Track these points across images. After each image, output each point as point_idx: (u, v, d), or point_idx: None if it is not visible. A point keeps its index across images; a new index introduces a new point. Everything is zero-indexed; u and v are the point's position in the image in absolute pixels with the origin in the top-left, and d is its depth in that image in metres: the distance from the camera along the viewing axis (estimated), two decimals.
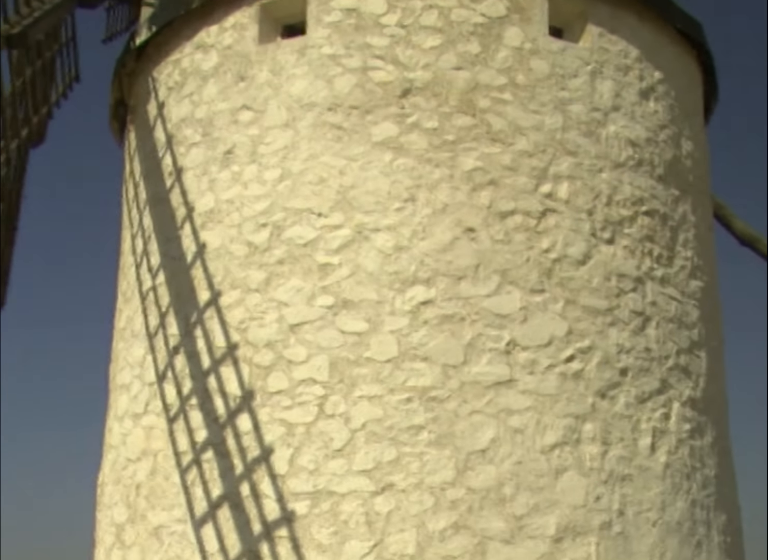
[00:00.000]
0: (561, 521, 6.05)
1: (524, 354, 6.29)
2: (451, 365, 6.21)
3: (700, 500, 6.65)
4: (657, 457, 6.48)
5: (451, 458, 6.05)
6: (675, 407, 6.71)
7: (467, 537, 5.92)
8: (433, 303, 6.32)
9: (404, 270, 6.39)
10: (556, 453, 6.16)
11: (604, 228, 6.78)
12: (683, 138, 7.67)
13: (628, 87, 7.28)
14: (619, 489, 6.25)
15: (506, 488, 6.03)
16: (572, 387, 6.32)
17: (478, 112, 6.73)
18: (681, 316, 7.01)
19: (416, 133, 6.65)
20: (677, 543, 6.38)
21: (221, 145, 7.09)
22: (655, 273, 6.94)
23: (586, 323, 6.48)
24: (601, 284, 6.63)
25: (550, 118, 6.86)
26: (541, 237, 6.57)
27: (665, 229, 7.15)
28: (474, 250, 6.45)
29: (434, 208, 6.51)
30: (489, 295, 6.37)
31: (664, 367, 6.73)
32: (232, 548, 6.15)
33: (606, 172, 6.93)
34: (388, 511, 5.97)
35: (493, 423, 6.13)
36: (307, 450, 6.17)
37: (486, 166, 6.62)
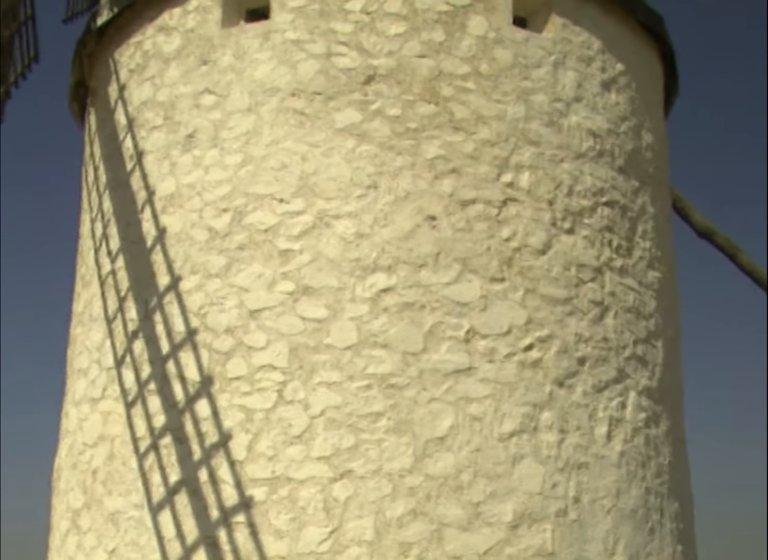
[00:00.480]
0: (518, 508, 6.10)
1: (483, 342, 6.33)
2: (411, 353, 6.23)
3: (654, 488, 6.75)
4: (613, 446, 6.55)
5: (409, 445, 6.07)
6: (631, 396, 6.79)
7: (425, 523, 5.95)
8: (394, 290, 6.33)
9: (365, 257, 6.39)
10: (513, 441, 6.21)
11: (565, 218, 6.83)
12: (644, 130, 7.74)
13: (590, 78, 7.33)
14: (575, 477, 6.31)
15: (464, 475, 6.07)
16: (530, 376, 6.37)
17: (442, 100, 6.73)
18: (639, 307, 7.09)
19: (379, 120, 6.65)
20: (631, 529, 6.46)
21: (183, 129, 7.03)
22: (614, 263, 7.00)
23: (545, 312, 6.53)
24: (560, 274, 6.68)
25: (513, 107, 6.88)
26: (502, 226, 6.60)
27: (625, 219, 7.22)
28: (435, 238, 6.46)
29: (396, 195, 6.51)
30: (449, 283, 6.39)
31: (621, 357, 6.81)
32: (190, 533, 6.13)
33: (567, 162, 6.97)
34: (346, 498, 5.98)
35: (451, 410, 6.16)
36: (265, 437, 6.16)
37: (448, 155, 6.63)
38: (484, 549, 5.97)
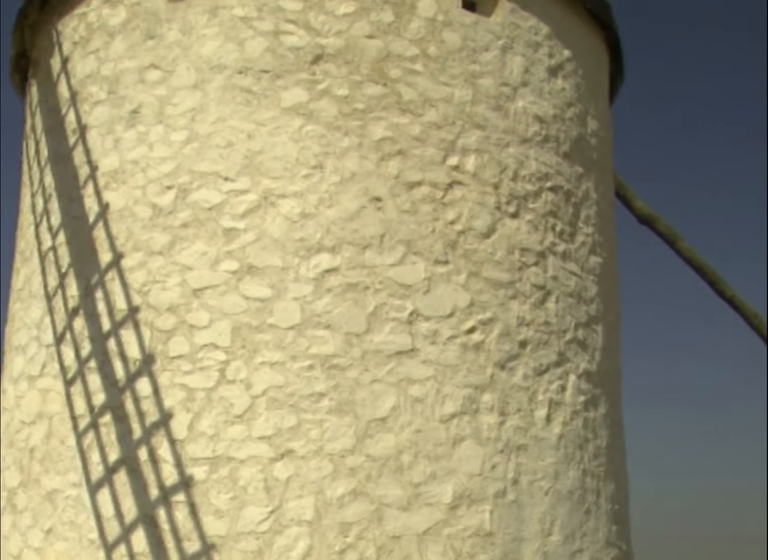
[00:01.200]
0: (457, 489, 6.15)
1: (426, 324, 6.36)
2: (354, 333, 6.24)
3: (591, 469, 6.86)
4: (552, 428, 6.64)
5: (351, 426, 6.09)
6: (571, 379, 6.88)
7: (365, 503, 5.98)
8: (338, 271, 6.33)
9: (310, 237, 6.38)
10: (454, 423, 6.26)
11: (509, 202, 6.88)
12: (589, 116, 7.81)
13: (537, 63, 7.37)
14: (515, 459, 6.39)
15: (405, 456, 6.10)
16: (472, 358, 6.42)
17: (389, 81, 6.73)
18: (580, 291, 7.17)
19: (326, 100, 6.62)
20: (568, 510, 6.56)
21: (127, 104, 6.93)
22: (557, 248, 7.08)
23: (488, 295, 6.58)
24: (504, 257, 6.73)
25: (460, 90, 6.90)
26: (447, 209, 6.63)
27: (568, 205, 7.29)
28: (380, 220, 6.47)
29: (342, 176, 6.50)
30: (393, 265, 6.41)
31: (562, 341, 6.89)
32: (128, 512, 6.10)
33: (513, 146, 7.01)
34: (287, 477, 5.99)
35: (393, 391, 6.19)
36: (207, 416, 6.13)
37: (395, 136, 6.64)
38: (424, 529, 6.03)
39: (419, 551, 5.98)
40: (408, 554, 5.96)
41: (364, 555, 5.90)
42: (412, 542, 5.99)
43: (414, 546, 5.99)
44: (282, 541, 5.89)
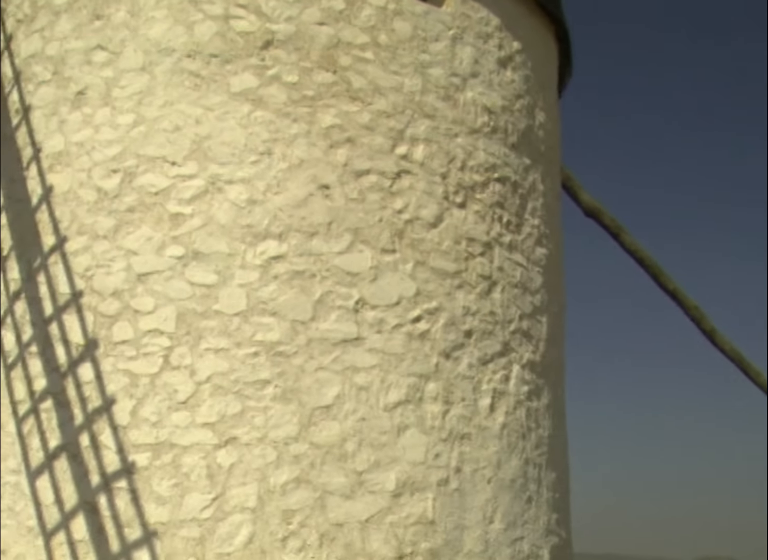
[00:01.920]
0: (400, 477, 6.19)
1: (372, 312, 6.37)
2: (300, 321, 6.23)
3: (533, 459, 6.93)
4: (495, 417, 6.70)
5: (295, 413, 6.09)
6: (515, 369, 6.95)
7: (308, 491, 5.99)
8: (285, 258, 6.31)
9: (257, 224, 6.35)
10: (399, 411, 6.29)
11: (457, 192, 6.91)
12: (537, 109, 7.87)
13: (487, 54, 7.40)
14: (458, 447, 6.44)
15: (349, 444, 6.12)
16: (418, 347, 6.45)
17: (339, 69, 6.71)
18: (525, 282, 7.24)
19: (276, 86, 6.59)
20: (509, 499, 6.63)
21: (73, 85, 6.83)
22: (504, 239, 7.13)
23: (434, 285, 6.61)
24: (451, 247, 6.76)
25: (410, 80, 6.91)
26: (395, 197, 6.64)
27: (515, 196, 7.34)
28: (328, 207, 6.46)
29: (290, 162, 6.48)
30: (340, 253, 6.41)
31: (507, 331, 6.95)
32: (69, 499, 6.03)
33: (461, 137, 7.04)
34: (230, 464, 5.97)
35: (338, 380, 6.20)
36: (150, 402, 6.09)
37: (344, 124, 6.63)
38: (366, 517, 6.05)
39: (362, 538, 6.01)
40: (350, 541, 5.98)
41: (307, 543, 5.92)
42: (354, 529, 6.01)
43: (357, 533, 6.01)
44: (224, 528, 5.88)
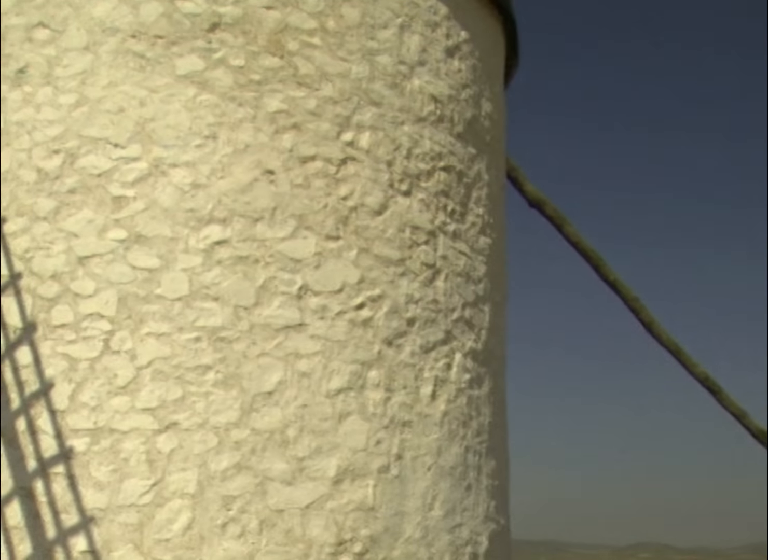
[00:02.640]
0: (341, 463, 6.20)
1: (316, 299, 6.37)
2: (243, 306, 6.20)
3: (474, 446, 6.99)
4: (437, 405, 6.74)
5: (237, 399, 6.07)
6: (457, 358, 6.99)
7: (249, 477, 5.98)
8: (228, 243, 6.28)
9: (201, 208, 6.30)
10: (340, 398, 6.30)
11: (402, 180, 6.92)
12: (483, 99, 7.91)
13: (434, 43, 7.41)
14: (399, 435, 6.47)
15: (290, 430, 6.12)
16: (360, 334, 6.46)
17: (287, 54, 6.67)
18: (469, 271, 7.28)
19: (222, 70, 6.53)
20: (449, 486, 6.69)
21: (13, 63, 6.69)
22: (448, 227, 7.16)
23: (378, 272, 6.63)
24: (395, 235, 6.78)
25: (357, 66, 6.90)
26: (340, 184, 6.63)
27: (460, 185, 7.38)
28: (272, 193, 6.43)
29: (235, 147, 6.44)
30: (284, 239, 6.39)
31: (449, 319, 6.99)
32: (4, 485, 5.95)
33: (408, 125, 7.05)
34: (170, 450, 5.93)
35: (281, 366, 6.19)
36: (89, 386, 6.02)
37: (290, 110, 6.60)
38: (307, 503, 6.06)
39: (302, 524, 6.02)
40: (290, 527, 5.99)
41: (247, 529, 5.91)
42: (295, 515, 6.02)
43: (297, 519, 6.02)
44: (163, 514, 5.85)
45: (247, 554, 5.88)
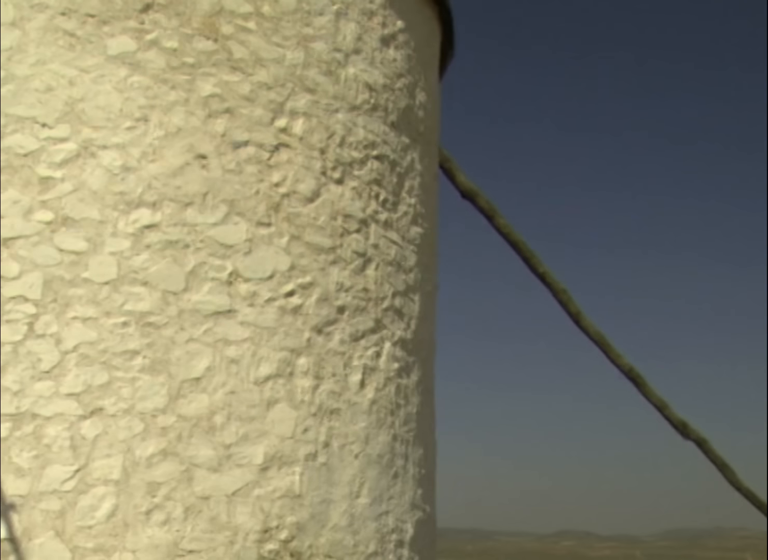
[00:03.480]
0: (269, 451, 6.19)
1: (246, 285, 6.33)
2: (172, 292, 6.14)
3: (401, 435, 7.04)
4: (365, 393, 6.76)
5: (164, 385, 6.01)
6: (386, 346, 7.02)
7: (174, 464, 5.94)
8: (158, 227, 6.20)
9: (130, 191, 6.21)
10: (269, 385, 6.28)
11: (335, 168, 6.91)
12: (418, 89, 7.93)
13: (370, 32, 7.41)
14: (327, 422, 6.48)
15: (217, 417, 6.09)
16: (290, 322, 6.45)
17: (221, 37, 6.61)
18: (400, 260, 7.31)
19: (154, 52, 6.44)
20: (376, 474, 6.72)
21: None
22: (380, 216, 7.18)
23: (308, 259, 6.62)
24: (326, 223, 6.77)
25: (292, 53, 6.86)
26: (273, 171, 6.60)
27: (393, 174, 7.39)
28: (204, 178, 6.37)
29: (167, 130, 6.36)
30: (215, 224, 6.34)
31: (379, 308, 7.01)
32: None
33: (342, 113, 7.04)
34: (94, 436, 5.86)
35: (209, 352, 6.15)
36: (12, 370, 5.90)
37: (224, 94, 6.54)
38: (233, 490, 6.04)
39: (227, 512, 6.00)
40: (216, 514, 5.96)
41: (172, 516, 5.87)
42: (221, 502, 5.99)
43: (223, 506, 6.00)
44: (86, 501, 5.78)
45: (172, 541, 5.84)
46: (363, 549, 6.53)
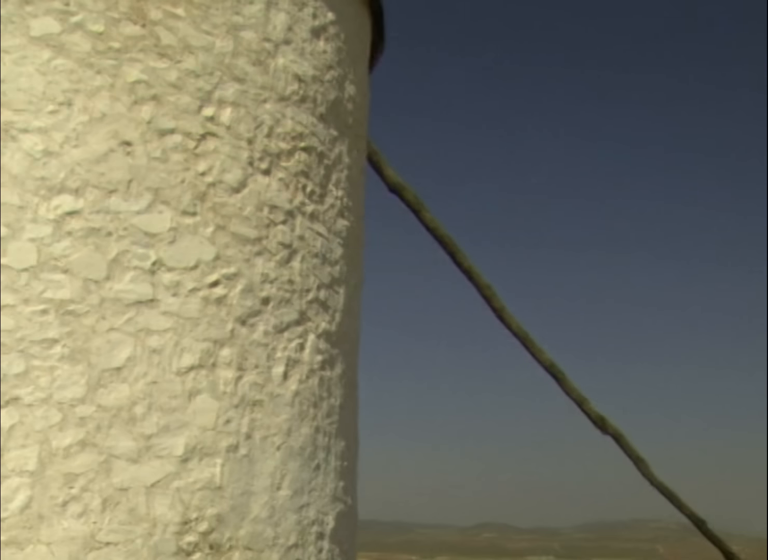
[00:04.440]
0: (190, 442, 6.14)
1: (169, 275, 6.26)
2: (93, 280, 6.05)
3: (324, 427, 7.04)
4: (288, 385, 6.75)
5: (83, 374, 5.92)
6: (310, 339, 7.01)
7: (93, 454, 5.85)
8: (80, 214, 6.10)
9: (52, 177, 6.09)
10: (191, 376, 6.23)
11: (262, 158, 6.87)
12: (347, 81, 7.92)
13: (301, 22, 7.37)
14: (249, 414, 6.45)
15: (138, 407, 6.01)
16: (214, 312, 6.40)
17: (149, 23, 6.51)
18: (325, 253, 7.30)
19: (80, 34, 6.32)
20: (298, 466, 6.72)
21: None
22: (306, 208, 7.16)
23: (234, 250, 6.57)
24: (252, 213, 6.73)
25: (222, 41, 6.80)
26: (199, 160, 6.53)
27: (320, 166, 7.38)
28: (129, 165, 6.28)
29: (91, 115, 6.25)
30: (139, 212, 6.25)
31: (304, 300, 7.00)
32: None
33: (270, 103, 7.00)
34: (10, 426, 5.74)
35: (130, 341, 6.07)
36: None
37: (150, 80, 6.44)
38: (152, 482, 5.98)
39: (146, 503, 5.93)
40: (134, 506, 5.89)
41: (89, 507, 5.78)
42: (139, 494, 5.93)
43: (141, 498, 5.93)
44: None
45: (89, 533, 5.76)
46: (283, 541, 6.52)
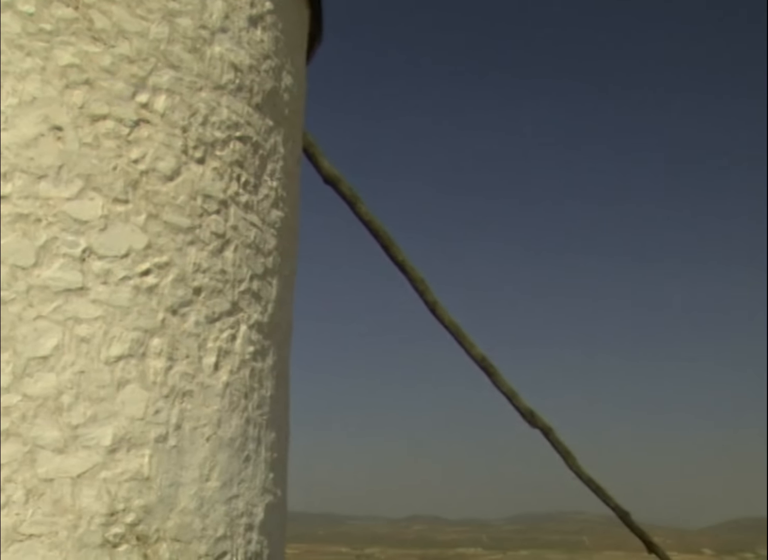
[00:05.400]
0: (118, 432, 6.07)
1: (99, 263, 6.17)
2: (20, 267, 5.93)
3: (254, 418, 7.02)
4: (219, 376, 6.71)
5: (9, 363, 5.80)
6: (242, 329, 6.98)
7: (17, 445, 5.74)
8: (8, 199, 5.97)
9: None
10: (120, 366, 6.15)
11: (197, 147, 6.81)
12: (284, 71, 7.89)
13: (238, 11, 7.32)
14: (179, 405, 6.39)
15: (65, 397, 5.92)
16: (144, 301, 6.33)
17: (82, 5, 6.39)
18: (259, 243, 7.27)
19: (9, 15, 6.18)
20: (228, 457, 6.68)
21: None
22: (240, 198, 7.11)
23: (166, 239, 6.50)
24: (186, 202, 6.66)
25: (157, 26, 6.71)
26: (132, 147, 6.44)
27: (255, 157, 7.34)
28: (59, 150, 6.17)
29: (21, 99, 6.12)
30: (70, 199, 6.15)
31: (236, 290, 6.96)
32: None
33: (205, 91, 6.94)
34: None
35: (58, 330, 5.97)
36: None
37: (83, 65, 6.33)
38: (79, 473, 5.89)
39: (72, 494, 5.85)
40: (60, 497, 5.81)
41: (12, 499, 5.68)
42: (65, 485, 5.84)
43: (67, 489, 5.84)
44: None
45: (11, 525, 5.65)
46: (212, 532, 6.48)
